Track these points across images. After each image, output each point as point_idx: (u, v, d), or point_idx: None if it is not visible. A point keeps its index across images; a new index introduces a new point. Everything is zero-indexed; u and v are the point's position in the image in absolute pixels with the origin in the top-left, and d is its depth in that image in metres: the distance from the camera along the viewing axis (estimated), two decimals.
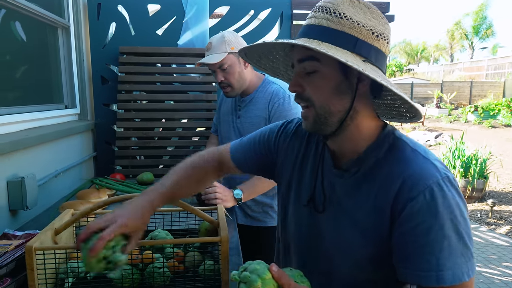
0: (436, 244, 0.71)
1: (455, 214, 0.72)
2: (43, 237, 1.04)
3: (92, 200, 1.57)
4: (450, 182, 0.75)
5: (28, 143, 1.63)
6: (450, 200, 0.73)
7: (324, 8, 0.78)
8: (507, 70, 22.50)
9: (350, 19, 0.77)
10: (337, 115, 0.80)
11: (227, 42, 1.74)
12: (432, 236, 0.72)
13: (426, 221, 0.72)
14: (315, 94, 0.80)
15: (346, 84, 0.79)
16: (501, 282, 3.21)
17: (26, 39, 1.88)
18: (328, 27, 0.77)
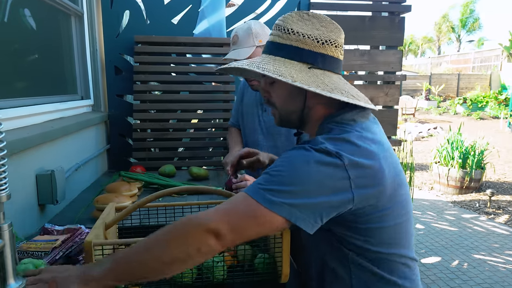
0: (266, 170, 0.86)
1: (293, 162, 0.84)
2: (97, 232, 1.00)
3: (124, 193, 1.53)
4: (315, 148, 0.84)
5: (54, 135, 1.58)
6: (301, 152, 0.84)
7: (277, 26, 0.96)
8: (493, 62, 22.89)
9: (297, 33, 0.92)
10: (294, 113, 0.99)
11: (255, 35, 1.69)
12: (270, 168, 0.86)
13: (277, 160, 0.88)
14: (276, 99, 1.01)
15: (297, 89, 0.94)
16: (506, 270, 3.28)
17: (40, 28, 1.81)
18: (280, 42, 0.95)
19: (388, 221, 0.91)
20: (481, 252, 3.63)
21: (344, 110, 0.96)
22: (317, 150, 0.83)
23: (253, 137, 1.87)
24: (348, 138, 0.86)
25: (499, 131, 11.35)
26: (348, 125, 0.92)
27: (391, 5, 2.61)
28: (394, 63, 2.63)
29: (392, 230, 0.93)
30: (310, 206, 0.81)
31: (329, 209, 0.83)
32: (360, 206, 0.85)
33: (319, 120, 0.99)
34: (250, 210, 0.81)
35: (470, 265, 3.37)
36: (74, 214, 1.55)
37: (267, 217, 0.80)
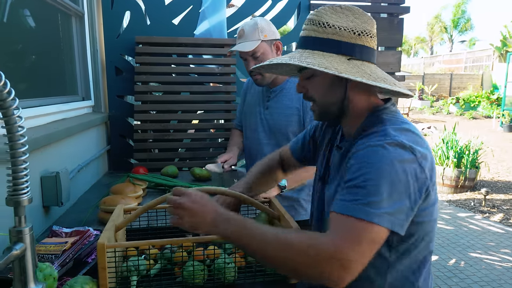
0: (350, 181, 0.84)
1: (380, 165, 0.81)
2: (109, 234, 1.00)
3: (129, 194, 1.53)
4: (400, 145, 0.84)
5: (59, 136, 1.57)
6: (386, 154, 0.82)
7: (311, 21, 0.96)
8: (484, 63, 23.10)
9: (332, 26, 0.94)
10: (334, 105, 0.99)
11: (260, 30, 1.71)
12: (350, 175, 0.85)
13: (354, 165, 0.86)
14: (314, 93, 1.00)
15: (338, 81, 0.96)
16: (502, 268, 3.32)
17: (41, 28, 1.80)
18: (316, 36, 0.95)
19: (435, 212, 0.94)
20: (477, 251, 3.67)
21: (387, 100, 1.00)
22: (392, 145, 0.83)
23: (255, 135, 1.89)
24: (410, 128, 0.90)
25: (492, 131, 11.48)
26: (398, 114, 0.96)
27: (390, 6, 2.63)
28: (393, 64, 2.65)
29: (431, 225, 0.95)
30: (404, 209, 0.81)
31: (415, 206, 0.84)
32: (428, 196, 0.87)
33: (362, 111, 0.98)
34: (366, 232, 0.78)
35: (467, 264, 3.40)
36: (78, 215, 1.54)
37: (379, 232, 0.79)
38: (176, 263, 1.08)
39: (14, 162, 0.60)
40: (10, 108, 0.55)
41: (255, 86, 1.97)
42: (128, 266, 1.01)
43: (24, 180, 0.62)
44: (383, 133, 0.88)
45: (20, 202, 0.62)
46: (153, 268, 1.06)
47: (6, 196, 0.63)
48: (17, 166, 0.60)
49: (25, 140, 0.61)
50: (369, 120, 0.96)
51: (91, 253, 1.14)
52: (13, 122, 0.57)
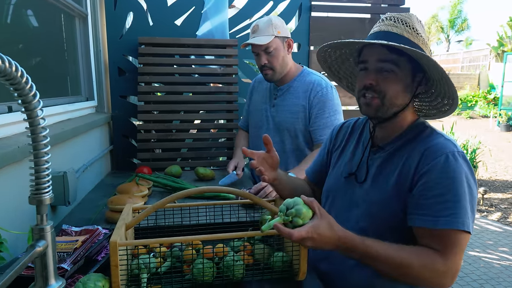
0: (442, 196, 0.93)
1: (461, 179, 0.92)
2: (120, 232, 1.02)
3: (135, 194, 1.55)
4: (463, 157, 0.96)
5: (65, 136, 1.59)
6: (461, 167, 0.94)
7: (404, 22, 0.97)
8: (481, 62, 23.19)
9: (421, 37, 0.97)
10: (398, 107, 1.02)
11: (274, 26, 1.76)
12: (440, 189, 0.93)
13: (438, 177, 0.93)
14: (387, 89, 0.99)
15: (411, 86, 1.00)
16: (501, 266, 3.35)
17: (44, 29, 1.81)
18: (409, 39, 0.96)
19: None
20: (475, 249, 3.70)
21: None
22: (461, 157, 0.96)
23: (260, 132, 1.93)
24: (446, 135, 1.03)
25: (489, 130, 11.55)
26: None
27: (390, 7, 2.66)
28: None
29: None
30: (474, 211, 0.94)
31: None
32: None
33: (406, 121, 1.06)
34: (463, 240, 0.93)
35: (466, 262, 3.43)
36: (84, 214, 1.56)
37: (468, 237, 0.93)
38: (185, 260, 1.10)
39: (37, 162, 0.62)
40: (35, 109, 0.57)
41: (262, 85, 2.00)
42: (138, 264, 1.03)
43: (46, 180, 0.64)
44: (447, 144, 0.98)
45: (43, 201, 0.64)
46: (162, 266, 1.08)
47: (28, 195, 0.65)
48: (40, 166, 0.62)
49: (47, 140, 0.63)
50: (419, 129, 1.05)
51: (100, 251, 1.16)
52: (37, 123, 0.59)
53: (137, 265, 1.04)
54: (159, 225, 1.30)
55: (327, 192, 1.25)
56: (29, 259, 0.60)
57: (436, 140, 0.99)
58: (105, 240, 1.19)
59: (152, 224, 1.30)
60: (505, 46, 18.27)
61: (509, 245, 3.79)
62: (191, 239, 1.06)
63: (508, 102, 11.83)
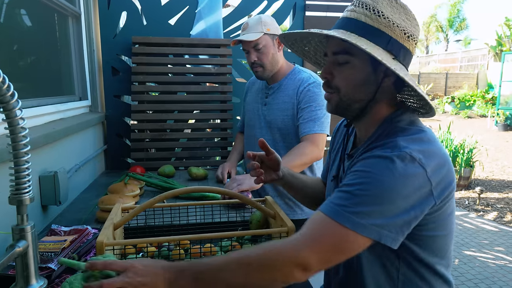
0: (346, 187, 0.80)
1: (379, 178, 0.77)
2: (107, 232, 1.02)
3: (126, 194, 1.54)
4: (400, 157, 0.78)
5: (56, 136, 1.58)
6: (385, 165, 0.77)
7: (364, 4, 0.86)
8: (479, 62, 23.22)
9: (387, 18, 0.84)
10: (359, 102, 0.90)
11: (264, 23, 1.77)
12: (350, 183, 0.80)
13: (355, 171, 0.82)
14: (342, 83, 0.89)
15: (373, 77, 0.87)
16: (496, 266, 3.36)
17: (37, 29, 1.81)
18: (366, 22, 0.84)
19: (451, 225, 0.89)
20: (471, 249, 3.71)
21: (405, 109, 0.93)
22: (401, 158, 0.77)
23: (252, 131, 1.96)
24: (424, 137, 0.84)
25: (487, 130, 11.57)
26: (416, 121, 0.90)
27: None
28: None
29: (450, 238, 0.91)
30: (399, 223, 0.76)
31: (414, 221, 0.79)
32: (437, 209, 0.82)
33: (380, 118, 0.92)
34: (339, 237, 0.75)
35: (461, 261, 3.44)
36: (76, 214, 1.56)
37: (356, 241, 0.75)
38: (173, 260, 1.10)
39: (16, 162, 0.62)
40: (13, 109, 0.57)
41: (255, 86, 2.01)
42: None
43: (26, 180, 0.64)
44: (393, 144, 0.81)
45: (23, 201, 0.64)
46: None
47: (8, 195, 0.64)
48: (20, 166, 0.62)
49: (27, 141, 0.62)
50: (383, 129, 0.90)
51: (89, 251, 1.16)
52: (16, 123, 0.59)
53: None
54: (149, 225, 1.30)
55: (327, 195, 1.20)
56: (8, 259, 0.60)
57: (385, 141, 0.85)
58: (94, 240, 1.19)
59: (141, 224, 1.30)
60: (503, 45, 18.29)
61: (505, 244, 3.80)
62: (179, 239, 1.06)
63: (506, 101, 11.86)
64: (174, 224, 1.31)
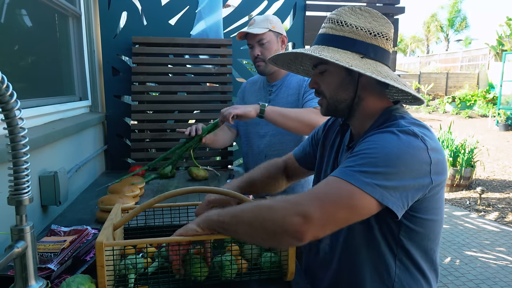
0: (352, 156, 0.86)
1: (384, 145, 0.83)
2: (107, 232, 1.01)
3: (127, 194, 1.54)
4: (402, 132, 0.85)
5: (56, 136, 1.58)
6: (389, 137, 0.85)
7: (330, 19, 0.99)
8: (480, 62, 23.21)
9: (350, 25, 0.96)
10: (344, 102, 1.00)
11: (270, 21, 1.84)
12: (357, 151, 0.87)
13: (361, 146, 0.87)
14: (326, 88, 1.02)
15: (349, 78, 0.98)
16: (497, 266, 3.35)
17: (38, 29, 1.81)
18: (333, 34, 0.98)
19: (441, 214, 0.96)
20: (472, 249, 3.70)
21: (398, 103, 1.02)
22: (403, 132, 0.85)
23: (257, 129, 1.97)
24: (424, 125, 0.92)
25: (488, 130, 11.55)
26: (410, 114, 0.97)
27: (385, 7, 2.65)
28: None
29: (440, 226, 0.98)
30: (399, 189, 0.81)
31: (414, 193, 0.84)
32: (432, 193, 0.88)
33: (374, 112, 1.00)
34: (342, 192, 0.79)
35: (462, 262, 3.44)
36: (76, 214, 1.55)
37: (360, 199, 0.79)
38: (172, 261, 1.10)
39: (15, 163, 0.61)
40: (12, 109, 0.57)
41: (254, 87, 2.01)
42: (126, 264, 1.03)
43: (25, 180, 0.63)
44: (395, 124, 0.90)
45: (22, 202, 0.63)
46: (150, 266, 1.08)
47: (7, 196, 0.64)
48: (19, 167, 0.62)
49: (26, 141, 0.62)
50: (383, 118, 0.97)
51: (89, 252, 1.16)
52: (15, 123, 0.59)
53: (124, 265, 1.04)
54: (149, 225, 1.30)
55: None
56: (6, 260, 0.60)
57: (387, 124, 0.93)
58: (94, 240, 1.19)
59: (141, 224, 1.30)
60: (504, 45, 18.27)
61: (506, 245, 3.79)
62: (179, 239, 1.06)
63: (507, 101, 11.84)
64: (174, 225, 1.31)
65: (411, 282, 0.98)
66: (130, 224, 1.29)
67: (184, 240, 1.04)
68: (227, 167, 2.50)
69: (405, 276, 0.97)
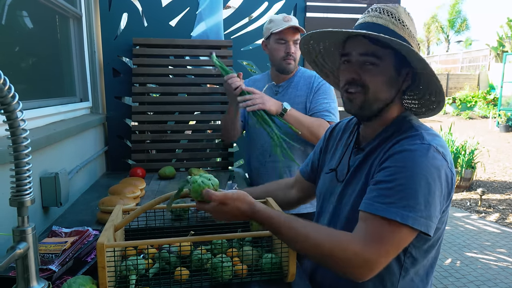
0: (388, 183, 0.86)
1: (419, 171, 0.84)
2: (108, 234, 1.01)
3: (127, 195, 1.54)
4: (437, 150, 0.87)
5: (57, 137, 1.58)
6: (426, 160, 0.85)
7: (390, 13, 0.93)
8: (481, 63, 23.19)
9: (408, 29, 0.93)
10: (382, 102, 0.97)
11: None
12: (388, 177, 0.87)
13: (391, 165, 0.88)
14: (371, 82, 0.95)
15: (395, 80, 0.96)
16: (498, 267, 3.35)
17: (39, 30, 1.81)
18: (394, 30, 0.92)
19: (444, 223, 0.97)
20: (473, 250, 3.70)
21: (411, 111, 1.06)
22: (429, 150, 0.86)
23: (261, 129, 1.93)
24: (438, 135, 0.94)
25: (488, 131, 11.55)
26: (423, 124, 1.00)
27: None
28: None
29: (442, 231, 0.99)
30: (436, 213, 0.85)
31: (441, 209, 0.88)
32: (448, 200, 0.92)
33: (390, 118, 1.01)
34: (395, 233, 0.83)
35: (463, 263, 3.43)
36: (77, 215, 1.56)
37: (409, 234, 0.84)
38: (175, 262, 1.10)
39: (17, 164, 0.62)
40: (14, 111, 0.57)
41: (257, 84, 2.01)
42: (127, 265, 1.03)
43: (27, 182, 0.64)
44: (419, 137, 0.90)
45: (24, 203, 0.64)
46: (151, 267, 1.08)
47: (9, 197, 0.64)
48: (21, 168, 0.62)
49: (28, 142, 0.62)
50: (399, 125, 0.98)
51: (90, 253, 1.16)
52: (17, 125, 0.59)
53: (126, 266, 1.04)
54: (150, 226, 1.30)
55: (318, 193, 1.25)
56: (8, 261, 0.60)
57: (409, 134, 0.93)
58: (95, 241, 1.19)
59: (142, 226, 1.30)
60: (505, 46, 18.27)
61: (507, 246, 3.78)
62: (180, 240, 1.06)
63: (507, 102, 11.84)
64: (175, 226, 1.31)
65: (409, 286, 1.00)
66: (131, 226, 1.29)
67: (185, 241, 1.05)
68: (227, 168, 2.50)
69: (407, 285, 0.98)
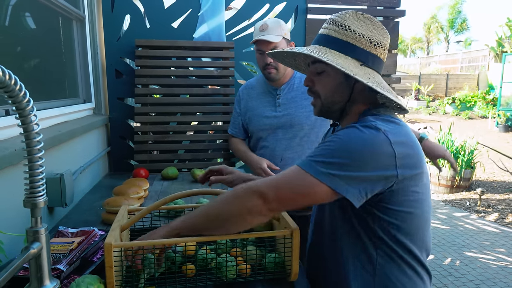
0: (316, 148, 0.94)
1: (346, 138, 0.90)
2: (115, 234, 1.03)
3: (132, 195, 1.56)
4: (370, 126, 0.90)
5: (62, 139, 1.60)
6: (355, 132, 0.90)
7: (334, 21, 1.01)
8: (480, 63, 23.21)
9: (353, 31, 0.98)
10: (338, 104, 1.04)
11: (282, 28, 1.81)
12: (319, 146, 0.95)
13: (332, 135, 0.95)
14: (321, 89, 1.04)
15: (346, 83, 1.01)
16: (497, 267, 3.37)
17: (42, 32, 1.83)
18: (335, 37, 1.00)
19: (419, 208, 0.98)
20: (472, 250, 3.72)
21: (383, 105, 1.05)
22: (366, 127, 0.90)
23: (273, 134, 1.92)
24: (395, 121, 0.96)
25: (488, 131, 11.57)
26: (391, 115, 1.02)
27: (386, 10, 2.68)
28: (389, 66, 2.70)
29: (419, 220, 0.99)
30: (356, 179, 0.87)
31: (373, 184, 0.89)
32: (401, 186, 0.92)
33: (358, 112, 1.05)
34: (297, 178, 0.89)
35: (462, 263, 3.45)
36: (81, 216, 1.58)
37: (314, 187, 0.88)
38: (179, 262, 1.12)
39: (31, 166, 0.63)
40: (29, 116, 0.59)
41: (254, 91, 2.00)
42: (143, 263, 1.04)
43: (40, 184, 0.66)
44: (363, 120, 0.95)
45: (37, 204, 0.66)
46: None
47: (23, 199, 0.66)
48: (34, 170, 0.64)
49: (41, 146, 0.64)
50: (361, 120, 1.00)
51: (96, 252, 1.18)
52: (31, 129, 0.61)
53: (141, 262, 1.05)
54: (155, 226, 1.32)
55: None
56: (23, 260, 0.62)
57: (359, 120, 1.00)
58: (101, 241, 1.21)
59: (147, 226, 1.32)
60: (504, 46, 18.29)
61: (506, 245, 3.80)
62: (185, 240, 1.08)
63: (506, 102, 11.86)
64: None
65: (397, 272, 0.99)
66: (136, 226, 1.31)
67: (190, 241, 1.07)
68: None
69: (389, 265, 0.99)
